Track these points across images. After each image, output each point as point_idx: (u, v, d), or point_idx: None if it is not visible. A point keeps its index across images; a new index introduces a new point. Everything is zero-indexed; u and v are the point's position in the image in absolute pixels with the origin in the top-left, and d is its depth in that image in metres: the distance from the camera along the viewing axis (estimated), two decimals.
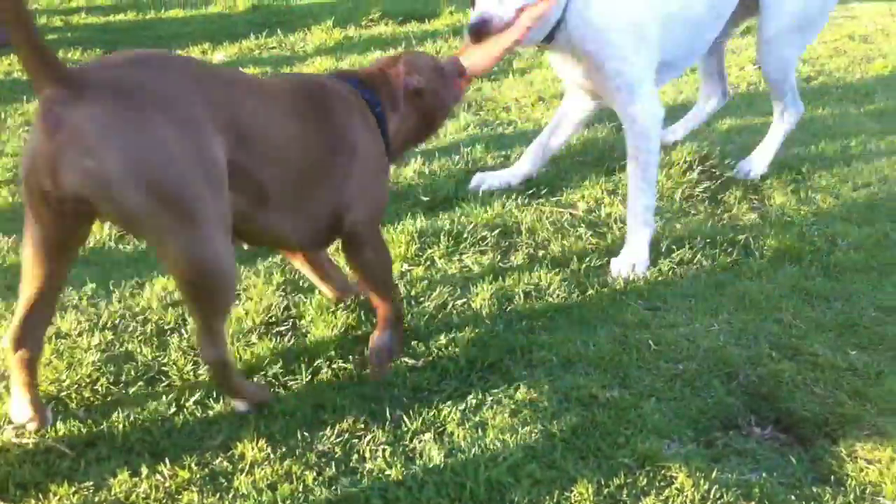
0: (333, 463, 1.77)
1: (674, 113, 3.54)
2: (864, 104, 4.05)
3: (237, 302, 2.32)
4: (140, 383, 2.01)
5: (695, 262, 2.65)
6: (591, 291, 2.47)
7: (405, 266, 2.56)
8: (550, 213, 2.92)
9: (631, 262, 2.60)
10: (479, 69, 2.52)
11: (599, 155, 3.34)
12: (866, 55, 4.86)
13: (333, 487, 1.70)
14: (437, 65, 2.38)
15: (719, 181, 3.14)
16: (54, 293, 1.83)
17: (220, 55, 4.45)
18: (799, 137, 3.56)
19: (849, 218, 2.97)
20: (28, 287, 1.77)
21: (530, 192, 3.05)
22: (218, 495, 1.68)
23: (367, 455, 1.80)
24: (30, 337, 1.81)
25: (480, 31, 2.49)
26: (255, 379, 2.03)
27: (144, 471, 1.72)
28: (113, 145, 1.56)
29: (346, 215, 2.03)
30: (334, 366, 2.07)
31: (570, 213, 2.94)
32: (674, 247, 2.70)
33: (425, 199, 2.96)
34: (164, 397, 1.95)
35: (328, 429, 1.86)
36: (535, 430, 1.86)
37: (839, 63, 4.66)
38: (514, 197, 3.00)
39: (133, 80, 1.63)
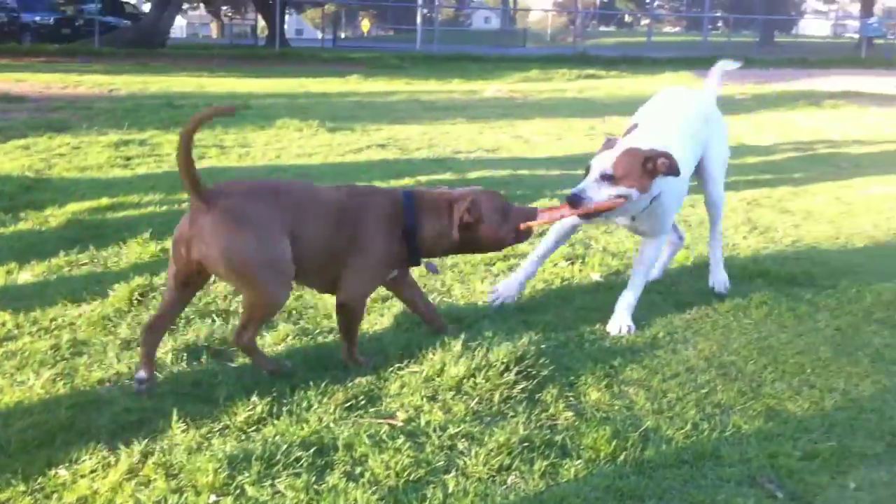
0: None
1: None
2: (670, 294, 4.27)
3: None
4: None
5: (513, 468, 2.63)
6: None
7: (212, 497, 2.41)
8: (369, 425, 2.86)
9: (623, 324, 3.78)
10: (545, 221, 3.54)
11: (421, 360, 3.33)
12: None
13: None
14: (503, 206, 3.32)
15: (536, 380, 3.18)
16: (179, 309, 3.22)
17: (25, 274, 4.26)
18: (609, 331, 3.70)
19: (660, 410, 3.05)
20: (165, 301, 3.10)
21: (349, 403, 3.00)
22: None
23: None
24: (156, 329, 3.10)
25: (574, 201, 3.50)
26: None
27: None
28: (215, 241, 2.86)
29: (339, 293, 3.24)
30: None
31: (389, 424, 2.89)
32: (492, 452, 2.69)
33: (236, 417, 2.85)
34: None
35: None
36: None
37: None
38: (332, 411, 2.94)
39: (238, 205, 2.92)
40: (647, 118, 4.09)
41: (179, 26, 56.26)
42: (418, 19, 36.04)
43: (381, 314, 3.84)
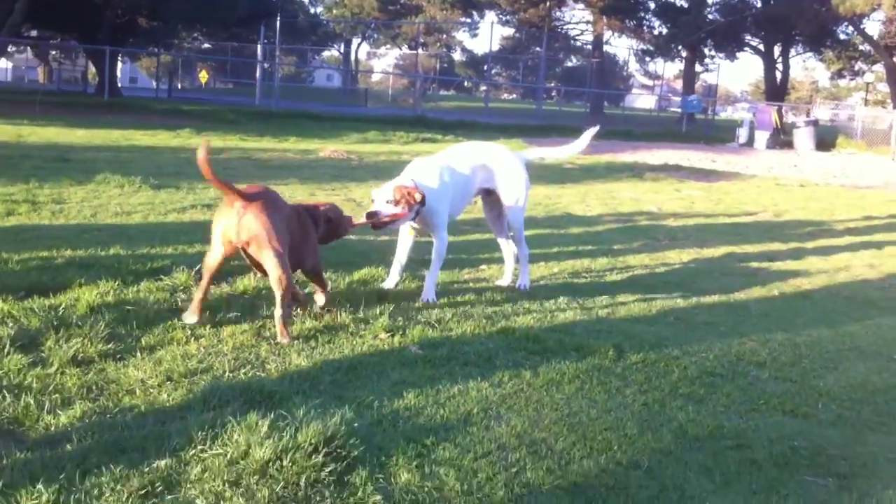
0: None
1: None
2: (486, 368, 4.29)
3: None
4: None
5: None
6: None
7: None
8: None
9: (427, 297, 5.50)
10: (356, 224, 5.44)
11: (225, 441, 3.19)
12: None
13: None
14: (342, 212, 5.32)
15: (345, 462, 3.11)
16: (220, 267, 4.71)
17: None
18: (424, 408, 3.68)
19: (469, 491, 3.03)
20: (209, 268, 4.63)
21: (144, 490, 2.83)
22: None
23: None
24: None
25: (373, 215, 5.37)
26: None
27: None
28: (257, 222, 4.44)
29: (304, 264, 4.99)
30: None
31: None
32: None
33: None
34: None
35: None
36: None
37: (466, 327, 4.96)
38: (125, 499, 2.77)
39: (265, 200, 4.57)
40: (423, 162, 5.83)
41: (4, 69, 53.60)
42: (258, 74, 35.74)
43: (188, 390, 3.68)
